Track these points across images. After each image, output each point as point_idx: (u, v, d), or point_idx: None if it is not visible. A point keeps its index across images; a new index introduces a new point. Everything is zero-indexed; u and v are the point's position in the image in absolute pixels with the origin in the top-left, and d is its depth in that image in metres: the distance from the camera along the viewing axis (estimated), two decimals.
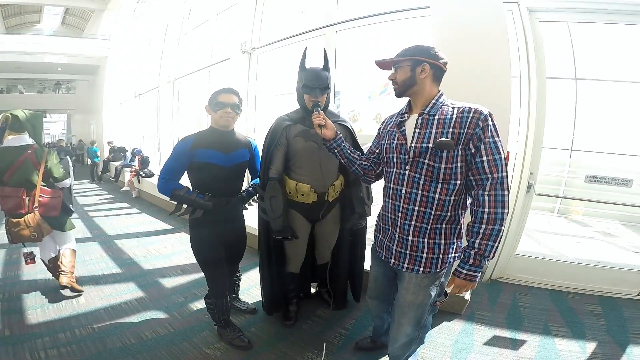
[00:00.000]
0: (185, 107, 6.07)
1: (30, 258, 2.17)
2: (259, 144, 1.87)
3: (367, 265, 2.21)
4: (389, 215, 1.30)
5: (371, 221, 2.16)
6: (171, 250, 3.39)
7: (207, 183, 1.66)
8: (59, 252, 2.35)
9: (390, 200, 1.29)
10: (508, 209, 1.08)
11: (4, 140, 2.02)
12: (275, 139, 1.71)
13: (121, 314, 2.18)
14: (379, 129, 1.45)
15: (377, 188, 1.61)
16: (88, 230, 4.16)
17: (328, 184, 1.78)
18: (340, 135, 1.53)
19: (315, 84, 1.60)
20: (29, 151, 2.03)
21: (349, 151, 1.52)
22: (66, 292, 2.32)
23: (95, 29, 12.43)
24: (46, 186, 2.12)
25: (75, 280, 2.36)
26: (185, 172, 1.68)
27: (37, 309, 2.21)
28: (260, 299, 2.15)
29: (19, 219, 2.00)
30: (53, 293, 2.42)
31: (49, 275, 2.53)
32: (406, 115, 1.27)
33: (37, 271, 2.80)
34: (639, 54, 3.53)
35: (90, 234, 4.00)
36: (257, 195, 1.87)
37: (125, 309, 2.25)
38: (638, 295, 2.42)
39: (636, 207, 3.04)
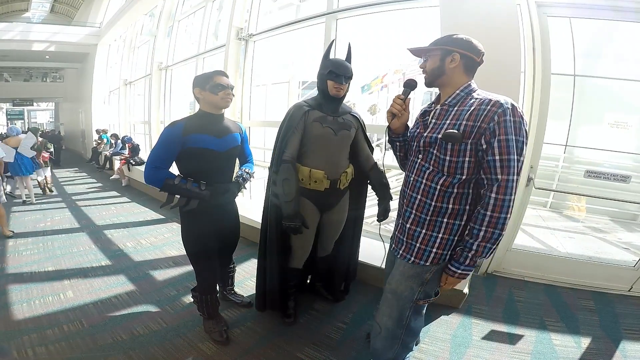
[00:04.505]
0: (177, 95, 5.93)
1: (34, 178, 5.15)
2: (252, 133, 1.87)
3: (362, 257, 2.25)
4: (400, 200, 1.32)
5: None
6: (162, 241, 3.31)
7: (201, 170, 1.58)
8: (44, 177, 5.45)
9: (403, 187, 1.31)
10: (510, 214, 1.04)
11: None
12: (293, 124, 1.70)
13: (111, 309, 2.11)
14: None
15: None
16: (76, 220, 4.04)
17: (340, 171, 1.78)
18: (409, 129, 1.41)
19: (342, 71, 1.65)
20: (41, 140, 5.22)
21: (407, 145, 1.41)
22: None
23: (85, 17, 11.99)
24: (45, 151, 5.37)
25: (49, 186, 5.55)
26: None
27: (23, 304, 2.13)
28: (255, 292, 2.09)
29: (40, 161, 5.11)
30: (39, 286, 2.35)
31: (35, 269, 2.64)
32: (433, 105, 1.25)
33: (22, 264, 2.72)
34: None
35: (78, 224, 3.89)
36: (269, 179, 1.82)
37: (115, 303, 2.18)
38: (629, 291, 2.46)
39: (632, 203, 3.07)
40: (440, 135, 1.10)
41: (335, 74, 1.64)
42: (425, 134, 1.18)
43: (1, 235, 3.33)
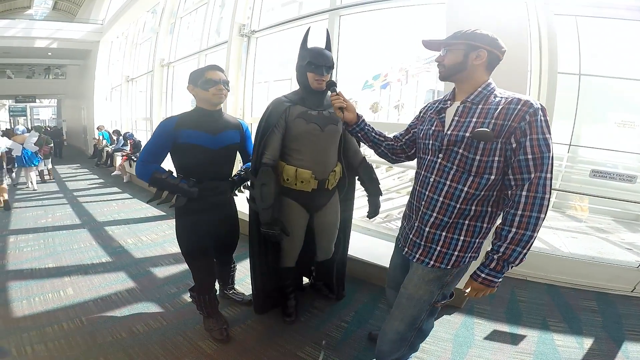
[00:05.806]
0: (179, 91, 5.94)
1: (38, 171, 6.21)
2: (254, 130, 1.78)
3: (353, 252, 2.22)
4: (414, 202, 1.25)
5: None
6: (163, 238, 3.30)
7: (192, 167, 1.54)
8: (45, 168, 6.39)
9: (417, 187, 1.23)
10: (545, 214, 0.98)
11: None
12: (272, 122, 1.58)
13: (111, 306, 2.10)
14: (420, 111, 1.37)
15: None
16: (77, 216, 4.04)
17: (329, 170, 1.69)
18: (363, 117, 1.43)
19: (321, 61, 1.52)
20: (43, 136, 6.07)
21: (373, 134, 1.42)
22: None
23: (87, 14, 12.05)
24: (46, 145, 6.11)
25: (48, 174, 6.53)
26: (169, 157, 1.56)
27: (23, 301, 2.12)
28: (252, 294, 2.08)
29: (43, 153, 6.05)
30: (39, 283, 2.34)
31: (35, 265, 2.65)
32: (449, 102, 1.18)
33: (22, 261, 2.72)
34: None
35: (79, 220, 3.88)
36: (249, 182, 1.75)
37: (115, 300, 2.17)
38: (632, 291, 2.45)
39: (636, 203, 3.04)
40: (468, 134, 1.05)
41: (314, 64, 1.52)
42: (449, 132, 1.11)
43: (1, 233, 3.33)
